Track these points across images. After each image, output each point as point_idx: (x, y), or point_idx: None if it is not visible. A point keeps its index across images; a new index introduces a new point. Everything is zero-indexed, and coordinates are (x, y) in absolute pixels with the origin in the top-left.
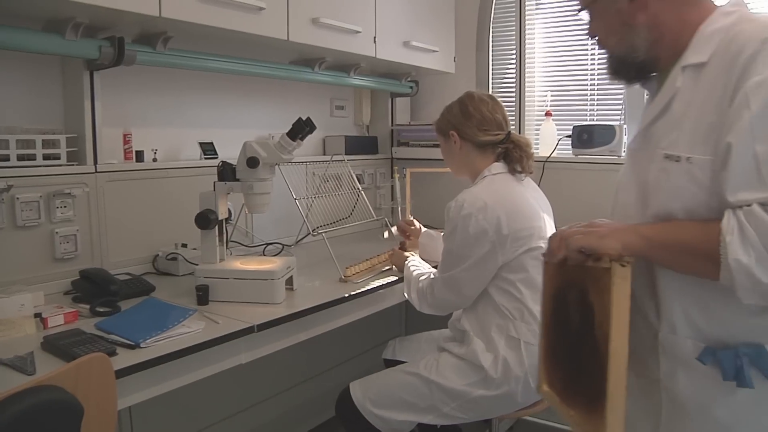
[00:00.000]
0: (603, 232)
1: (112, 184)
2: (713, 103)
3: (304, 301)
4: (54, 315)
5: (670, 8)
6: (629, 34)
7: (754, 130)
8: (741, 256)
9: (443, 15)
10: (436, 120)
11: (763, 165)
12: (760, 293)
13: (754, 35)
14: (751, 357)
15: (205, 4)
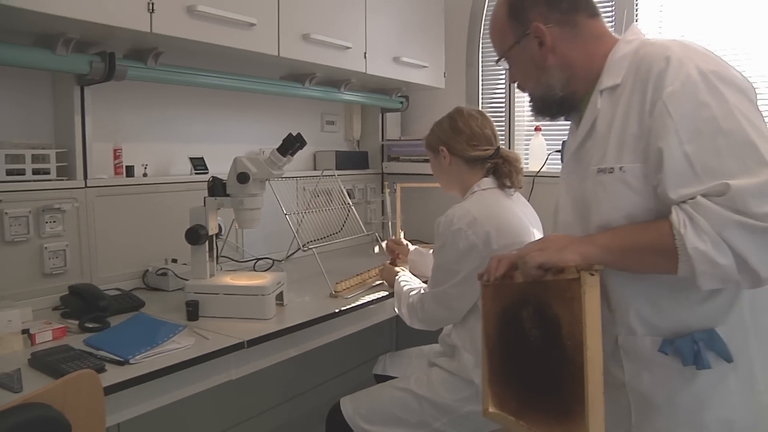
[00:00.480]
0: (560, 246)
1: (102, 199)
2: (633, 116)
3: (294, 316)
4: (42, 331)
5: (576, 47)
6: (544, 76)
7: (680, 133)
8: (698, 244)
9: (433, 31)
10: (425, 136)
11: (696, 162)
12: (718, 276)
13: (657, 55)
14: (706, 341)
15: (196, 20)
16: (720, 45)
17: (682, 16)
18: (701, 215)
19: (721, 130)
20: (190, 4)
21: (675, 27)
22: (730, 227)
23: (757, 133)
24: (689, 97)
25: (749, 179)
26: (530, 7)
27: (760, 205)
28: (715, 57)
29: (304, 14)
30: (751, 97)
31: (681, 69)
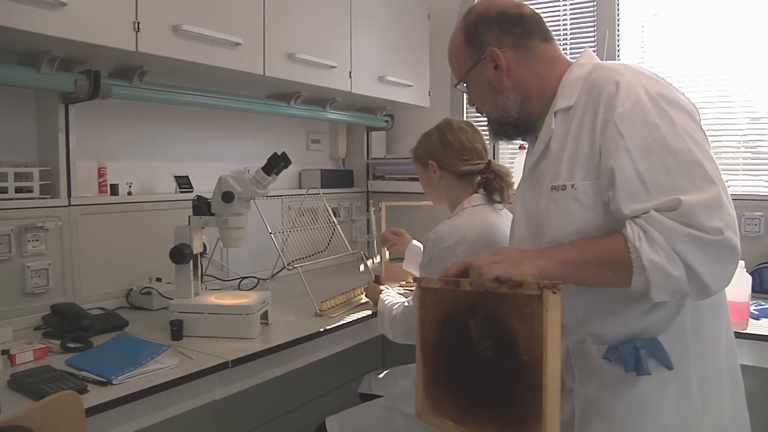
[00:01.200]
0: (517, 260)
1: (85, 217)
2: (585, 136)
3: (279, 335)
4: (23, 351)
5: (530, 70)
6: (500, 99)
7: (631, 151)
8: (653, 257)
9: (418, 50)
10: (413, 148)
11: (647, 179)
12: (670, 288)
13: (608, 79)
14: (648, 348)
15: (182, 39)
16: (699, 65)
17: (664, 36)
18: (655, 229)
19: (669, 149)
20: (175, 24)
21: (657, 46)
22: (682, 240)
23: (702, 153)
24: (639, 117)
25: (698, 195)
26: (485, 32)
27: (709, 219)
28: (662, 81)
29: (290, 34)
30: (695, 117)
31: (631, 92)
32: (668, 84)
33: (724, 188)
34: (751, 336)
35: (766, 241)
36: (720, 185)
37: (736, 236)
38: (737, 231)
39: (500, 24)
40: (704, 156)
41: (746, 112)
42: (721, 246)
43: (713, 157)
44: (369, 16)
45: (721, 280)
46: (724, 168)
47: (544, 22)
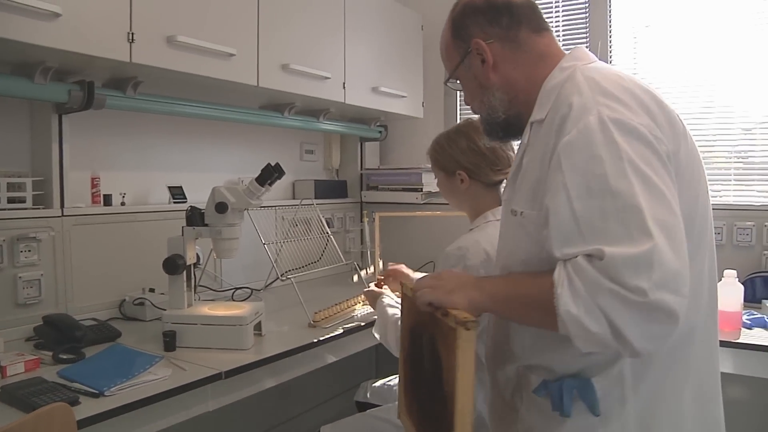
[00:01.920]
0: (451, 287)
1: (78, 227)
2: (540, 160)
3: (272, 346)
4: (14, 363)
5: (518, 67)
6: (486, 96)
7: (569, 190)
8: (571, 308)
9: (411, 61)
10: (432, 153)
11: (582, 221)
12: (593, 342)
13: (566, 97)
14: (579, 389)
15: (176, 50)
16: (691, 75)
17: (656, 47)
18: (579, 278)
19: (610, 189)
20: (169, 35)
21: (649, 57)
22: (604, 294)
23: (649, 194)
24: (583, 149)
25: (627, 248)
26: (471, 24)
27: (633, 276)
28: (625, 101)
29: (284, 45)
30: (656, 147)
31: (581, 116)
32: (635, 104)
33: (669, 238)
34: (744, 345)
35: (758, 251)
36: (661, 236)
37: (671, 295)
38: (678, 289)
39: (486, 14)
40: (650, 198)
41: (738, 122)
42: (647, 308)
43: (667, 197)
44: (363, 27)
45: (650, 342)
46: (716, 178)
47: (539, 12)
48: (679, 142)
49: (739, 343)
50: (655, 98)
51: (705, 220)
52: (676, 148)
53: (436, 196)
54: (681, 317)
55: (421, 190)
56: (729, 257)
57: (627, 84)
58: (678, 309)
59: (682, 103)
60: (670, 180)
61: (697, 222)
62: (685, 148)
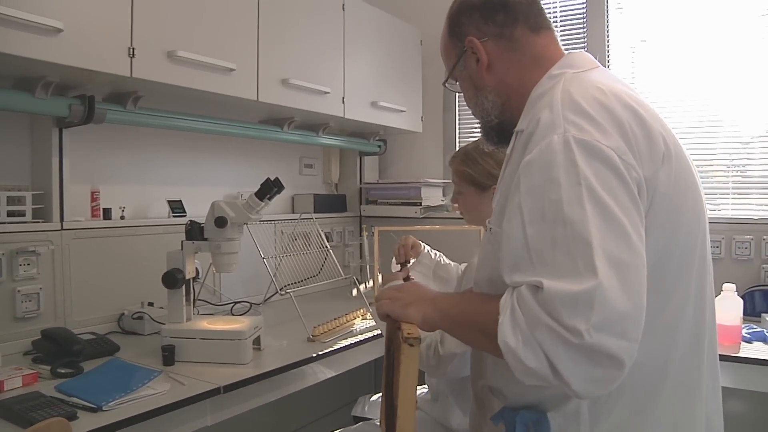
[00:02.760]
0: (408, 301)
1: (78, 241)
2: (510, 175)
3: (271, 361)
4: (11, 377)
5: (512, 68)
6: (480, 98)
7: (524, 213)
8: (509, 339)
9: (410, 76)
10: (461, 165)
11: (532, 248)
12: (532, 376)
13: (539, 111)
14: (535, 423)
15: (177, 65)
16: (688, 89)
17: (654, 61)
18: (520, 308)
19: (562, 217)
20: (170, 49)
21: (647, 71)
22: (542, 330)
23: (604, 226)
24: (542, 170)
25: (567, 284)
26: (467, 21)
27: (569, 316)
28: (598, 120)
29: (283, 60)
30: (622, 174)
31: (546, 135)
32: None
33: (620, 276)
34: (744, 360)
35: (756, 264)
36: (609, 274)
37: (613, 339)
38: (623, 332)
39: (482, 10)
40: (605, 231)
41: (735, 135)
42: (584, 350)
43: (627, 230)
44: (362, 42)
45: (590, 385)
46: (714, 192)
47: (538, 8)
48: (658, 167)
49: (739, 357)
50: (639, 117)
51: (690, 251)
52: (653, 174)
53: (435, 210)
54: (627, 362)
55: (421, 204)
56: (728, 271)
57: (607, 100)
58: (621, 354)
59: (680, 116)
60: (636, 211)
61: (677, 253)
62: (667, 172)
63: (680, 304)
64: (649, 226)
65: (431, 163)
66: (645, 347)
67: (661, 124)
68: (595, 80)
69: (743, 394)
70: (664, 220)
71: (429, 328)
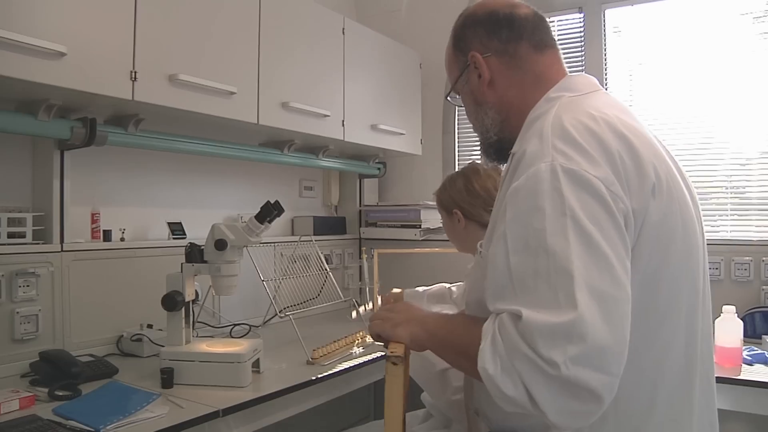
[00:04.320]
0: (398, 321)
1: (78, 263)
2: (501, 200)
3: (270, 384)
4: (8, 400)
5: (513, 86)
6: (480, 113)
7: (508, 242)
8: (488, 365)
9: (410, 99)
10: (437, 191)
11: (515, 277)
12: (510, 402)
13: (530, 137)
14: None
15: (178, 88)
16: (686, 110)
17: (651, 83)
18: (501, 336)
19: (546, 247)
20: (171, 73)
21: (644, 93)
22: (520, 359)
23: (588, 258)
24: (528, 198)
25: (547, 315)
26: (471, 36)
27: (547, 347)
28: (586, 149)
29: (284, 83)
30: (609, 205)
31: (533, 162)
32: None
33: (602, 309)
34: (745, 382)
35: (756, 286)
36: (590, 307)
37: (592, 373)
38: (602, 366)
39: (487, 26)
40: (589, 262)
41: (733, 156)
42: (561, 382)
43: (611, 262)
44: (361, 65)
45: (567, 418)
46: (713, 213)
47: (545, 26)
48: (648, 199)
49: (740, 379)
50: (630, 146)
51: (679, 284)
52: (642, 205)
53: (435, 233)
54: (606, 397)
55: (420, 226)
56: (727, 292)
57: (598, 128)
58: (600, 389)
59: (678, 138)
60: (622, 243)
61: (665, 287)
62: (657, 204)
63: (669, 339)
64: (635, 259)
65: (431, 186)
66: (631, 382)
67: (653, 152)
68: (590, 106)
69: (744, 417)
70: (652, 252)
71: (417, 347)
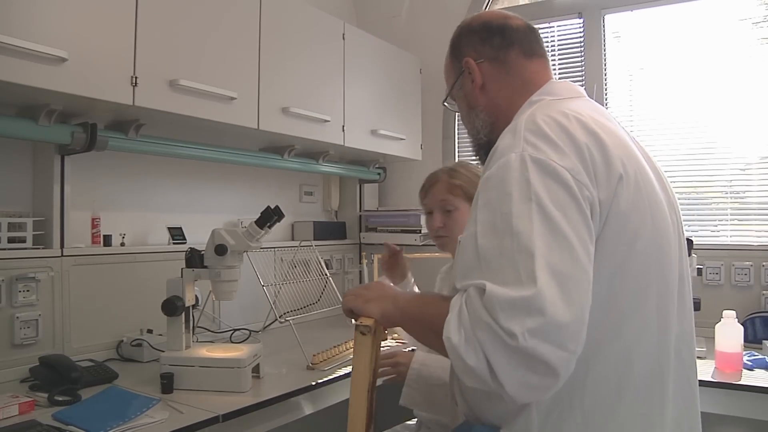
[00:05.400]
0: (370, 297)
1: (78, 268)
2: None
3: (270, 389)
4: (8, 405)
5: (502, 90)
6: (473, 116)
7: (478, 225)
8: (453, 335)
9: (410, 104)
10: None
11: (481, 256)
12: (472, 376)
13: (505, 134)
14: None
15: (178, 93)
16: (686, 115)
17: (652, 88)
18: (467, 307)
19: (511, 229)
20: (172, 78)
21: (645, 98)
22: (482, 328)
23: (550, 239)
24: (498, 185)
25: (509, 290)
26: (466, 44)
27: (507, 319)
28: (556, 142)
29: (284, 88)
30: (575, 192)
31: (505, 152)
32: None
33: (562, 288)
34: (745, 387)
35: (756, 291)
36: (549, 284)
37: (549, 347)
38: (561, 342)
39: (481, 34)
40: (551, 244)
41: (734, 161)
42: (520, 353)
43: (572, 245)
44: (362, 71)
45: (524, 390)
46: (712, 218)
47: (536, 36)
48: (615, 191)
49: (740, 384)
50: (600, 142)
51: (647, 280)
52: (608, 197)
53: None
54: (562, 372)
55: (420, 231)
56: (728, 297)
57: (568, 123)
58: (556, 363)
59: (678, 143)
60: (586, 228)
61: (631, 281)
62: (625, 197)
63: (635, 335)
64: (600, 249)
65: None
66: (597, 372)
67: (624, 150)
68: (566, 107)
69: (745, 422)
70: (617, 244)
71: (388, 323)
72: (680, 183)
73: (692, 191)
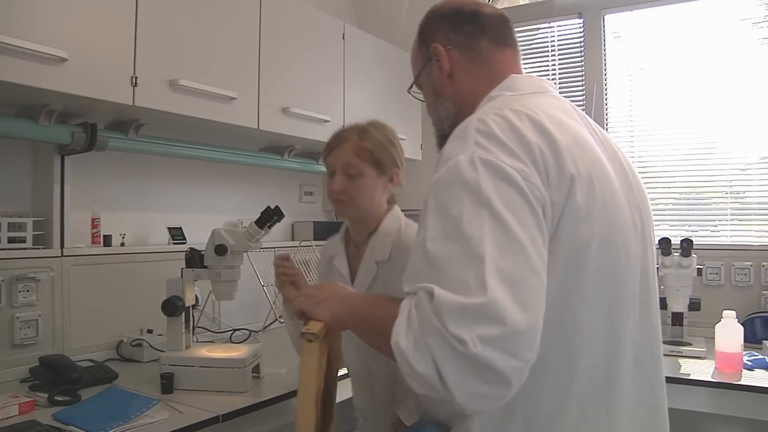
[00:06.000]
0: (319, 299)
1: (78, 268)
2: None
3: (270, 389)
4: (7, 405)
5: (470, 79)
6: (438, 105)
7: (428, 230)
8: (401, 340)
9: (409, 104)
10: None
11: (431, 261)
12: (421, 382)
13: (456, 133)
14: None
15: (179, 93)
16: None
17: (652, 88)
18: (416, 311)
19: (461, 233)
20: (172, 78)
21: (645, 98)
22: (432, 333)
23: (503, 243)
24: (447, 187)
25: (458, 296)
26: (435, 29)
27: (455, 325)
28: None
29: (284, 88)
30: (526, 194)
31: (453, 152)
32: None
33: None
34: (745, 387)
35: (756, 291)
36: (500, 291)
37: (500, 355)
38: (513, 351)
39: (450, 20)
40: (503, 249)
41: (734, 161)
42: (469, 360)
43: (526, 249)
44: (362, 71)
45: (473, 399)
46: (713, 218)
47: (507, 26)
48: (567, 193)
49: (741, 384)
50: (552, 142)
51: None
52: (561, 199)
53: None
54: (514, 381)
55: None
56: (728, 297)
57: (519, 123)
58: (508, 371)
59: (679, 143)
60: (538, 230)
61: (581, 280)
62: (579, 197)
63: (583, 342)
64: (551, 252)
65: None
66: (539, 379)
67: (580, 149)
68: (521, 104)
69: (745, 422)
70: (567, 248)
71: (337, 326)
72: (680, 183)
73: (692, 191)
